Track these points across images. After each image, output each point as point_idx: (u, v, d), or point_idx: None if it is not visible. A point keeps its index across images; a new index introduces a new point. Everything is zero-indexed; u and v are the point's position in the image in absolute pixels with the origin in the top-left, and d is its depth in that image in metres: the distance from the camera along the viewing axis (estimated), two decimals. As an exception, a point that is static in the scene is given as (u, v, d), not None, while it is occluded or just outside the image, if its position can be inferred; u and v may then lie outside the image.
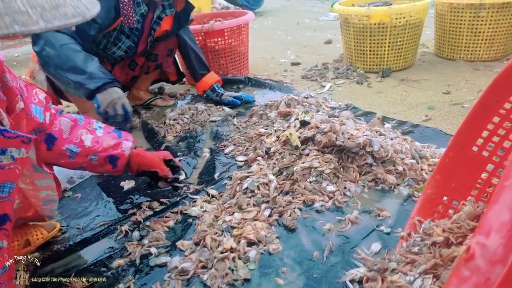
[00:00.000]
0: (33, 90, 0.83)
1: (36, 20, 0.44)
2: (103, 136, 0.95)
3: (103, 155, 0.93)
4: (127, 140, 0.99)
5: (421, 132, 1.41)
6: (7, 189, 0.60)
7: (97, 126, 0.97)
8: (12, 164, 0.60)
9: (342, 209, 1.02)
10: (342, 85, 2.03)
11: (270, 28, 3.88)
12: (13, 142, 0.59)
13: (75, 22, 0.48)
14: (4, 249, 0.61)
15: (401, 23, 1.98)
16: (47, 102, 0.88)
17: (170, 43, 1.82)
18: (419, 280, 0.67)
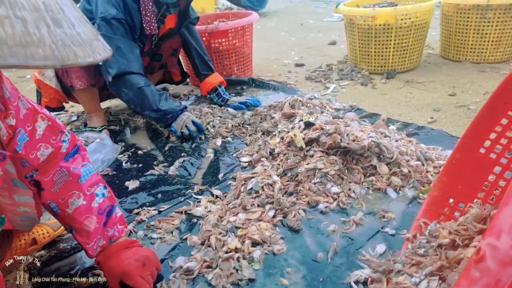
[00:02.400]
0: (35, 116, 0.74)
1: None
2: (94, 210, 0.80)
3: (77, 236, 0.81)
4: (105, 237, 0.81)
5: (426, 134, 1.40)
6: None
7: (101, 192, 0.83)
8: None
9: (346, 210, 1.02)
10: (346, 86, 2.02)
11: (273, 29, 3.89)
12: None
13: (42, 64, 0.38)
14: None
15: (407, 24, 1.98)
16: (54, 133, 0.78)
17: (175, 43, 1.82)
18: (424, 282, 0.67)
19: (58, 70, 1.52)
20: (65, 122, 1.86)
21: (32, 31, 0.37)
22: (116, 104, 2.11)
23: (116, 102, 2.13)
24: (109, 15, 1.44)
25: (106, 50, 0.46)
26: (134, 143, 1.61)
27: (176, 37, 1.81)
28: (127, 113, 1.94)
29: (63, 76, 1.53)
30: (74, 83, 1.52)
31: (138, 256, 0.80)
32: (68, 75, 1.51)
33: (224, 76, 2.19)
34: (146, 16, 1.51)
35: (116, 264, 0.78)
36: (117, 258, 0.79)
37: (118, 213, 0.86)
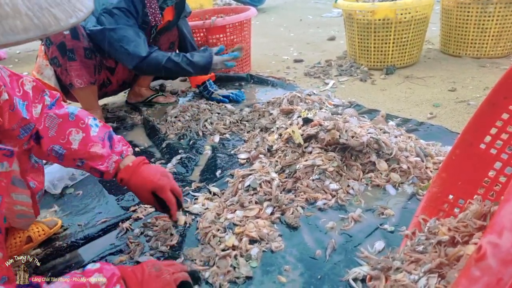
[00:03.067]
0: (19, 80, 0.75)
1: None
2: (95, 138, 0.83)
3: (89, 164, 0.83)
4: (116, 153, 0.85)
5: (426, 130, 1.39)
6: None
7: (93, 123, 0.85)
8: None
9: (345, 207, 1.01)
10: (345, 82, 2.01)
11: (272, 25, 3.86)
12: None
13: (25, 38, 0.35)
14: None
15: (406, 18, 1.96)
16: (37, 93, 0.79)
17: (172, 36, 1.81)
18: (423, 279, 0.66)
19: (57, 69, 1.50)
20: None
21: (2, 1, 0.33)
22: (113, 101, 2.10)
23: (113, 99, 2.12)
24: (110, 5, 1.45)
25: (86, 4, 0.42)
26: (131, 140, 1.60)
27: (174, 30, 1.79)
28: (124, 110, 1.93)
29: (62, 75, 1.51)
30: (74, 82, 1.51)
31: (163, 171, 0.88)
32: (67, 73, 1.50)
33: (222, 72, 2.18)
34: (151, 8, 1.52)
35: (146, 179, 0.84)
36: (143, 174, 0.85)
37: (117, 136, 0.89)
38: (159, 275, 0.70)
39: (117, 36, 1.46)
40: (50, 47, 1.45)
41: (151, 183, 0.84)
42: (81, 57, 1.48)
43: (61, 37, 1.42)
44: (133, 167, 0.85)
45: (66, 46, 1.44)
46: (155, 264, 0.73)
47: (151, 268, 0.71)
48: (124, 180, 0.85)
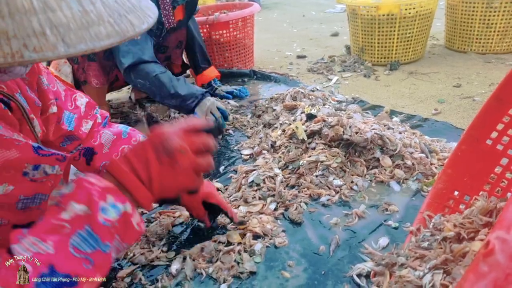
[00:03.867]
0: (73, 95, 0.78)
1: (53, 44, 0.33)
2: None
3: None
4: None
5: (431, 126, 1.38)
6: (37, 200, 0.60)
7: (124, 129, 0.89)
8: (44, 178, 0.60)
9: (349, 203, 1.01)
10: (349, 78, 1.99)
11: (275, 21, 3.84)
12: (47, 159, 0.59)
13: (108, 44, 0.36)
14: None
15: (411, 14, 1.94)
16: (90, 109, 0.81)
17: (181, 35, 1.80)
18: (428, 275, 0.65)
19: (74, 65, 1.50)
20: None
21: (88, 8, 0.35)
22: (117, 97, 2.10)
23: (117, 95, 2.12)
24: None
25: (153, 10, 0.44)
26: (134, 136, 1.60)
27: (182, 29, 1.78)
28: (128, 106, 1.93)
29: (77, 71, 1.52)
30: (90, 81, 1.52)
31: (206, 181, 0.90)
32: (84, 71, 1.51)
33: (225, 68, 2.18)
34: (165, 10, 1.53)
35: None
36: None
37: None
38: (173, 164, 0.52)
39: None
40: None
41: (201, 192, 0.84)
42: (100, 58, 1.49)
43: None
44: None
45: None
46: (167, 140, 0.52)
47: (161, 153, 0.52)
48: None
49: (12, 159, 0.54)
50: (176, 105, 1.42)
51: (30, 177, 0.57)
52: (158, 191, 0.52)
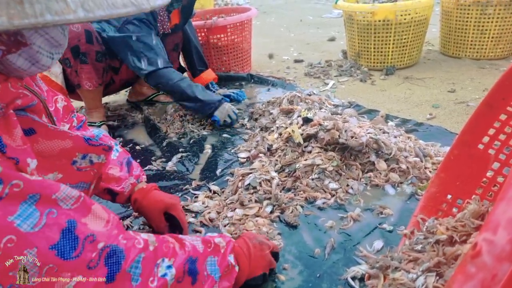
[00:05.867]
0: (54, 97, 0.79)
1: (73, 9, 0.37)
2: (114, 161, 0.87)
3: (103, 185, 0.85)
4: (133, 176, 0.90)
5: (425, 131, 1.39)
6: (80, 188, 0.63)
7: (115, 148, 0.89)
8: (89, 167, 0.63)
9: (344, 206, 1.02)
10: (345, 82, 2.01)
11: (273, 25, 3.87)
12: (95, 149, 0.63)
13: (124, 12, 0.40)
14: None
15: (406, 20, 1.97)
16: (67, 112, 0.82)
17: (177, 38, 1.82)
18: (421, 278, 0.66)
19: (67, 68, 1.51)
20: (62, 118, 1.85)
21: None
22: (114, 99, 2.10)
23: (114, 98, 2.12)
24: (131, 17, 1.46)
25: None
26: (132, 139, 1.61)
27: (179, 33, 1.80)
28: (125, 109, 1.93)
29: (71, 75, 1.52)
30: (83, 84, 1.53)
31: (172, 195, 0.94)
32: (77, 74, 1.51)
33: (222, 72, 2.19)
34: (160, 16, 1.55)
35: (158, 198, 0.88)
36: (156, 194, 0.89)
37: (135, 162, 0.94)
38: (263, 249, 0.75)
39: (139, 43, 1.48)
40: None
41: (163, 202, 0.87)
42: (93, 60, 1.50)
43: (76, 41, 1.43)
44: (147, 189, 0.89)
45: (79, 50, 1.45)
46: (254, 237, 0.77)
47: (254, 240, 0.75)
48: (138, 200, 0.88)
49: (67, 148, 0.58)
50: (196, 108, 1.55)
51: (77, 166, 0.61)
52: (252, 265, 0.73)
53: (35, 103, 0.56)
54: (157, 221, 0.88)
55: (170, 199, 0.90)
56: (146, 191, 0.89)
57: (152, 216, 0.88)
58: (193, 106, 1.54)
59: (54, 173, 0.58)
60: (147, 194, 0.88)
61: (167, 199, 0.89)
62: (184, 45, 1.89)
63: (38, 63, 0.53)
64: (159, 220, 0.88)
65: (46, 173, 0.57)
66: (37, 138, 0.55)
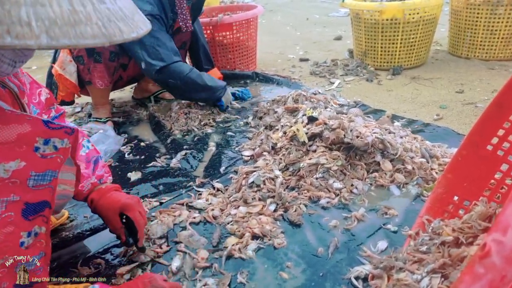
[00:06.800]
0: (37, 90, 0.78)
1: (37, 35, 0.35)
2: (81, 157, 0.85)
3: None
4: (96, 176, 0.87)
5: (432, 131, 1.38)
6: (48, 177, 0.60)
7: (86, 144, 0.88)
8: (54, 153, 0.60)
9: (348, 206, 1.01)
10: (351, 82, 2.00)
11: (279, 24, 3.86)
12: (56, 133, 0.59)
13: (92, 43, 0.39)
14: (42, 235, 0.62)
15: (415, 19, 1.94)
16: (48, 105, 0.82)
17: (185, 36, 1.81)
18: (426, 279, 0.66)
19: (80, 66, 1.51)
20: (69, 113, 1.86)
21: (78, 9, 0.38)
22: (119, 96, 2.11)
23: (119, 94, 2.13)
24: (144, 12, 1.47)
25: (146, 24, 0.47)
26: (136, 135, 1.61)
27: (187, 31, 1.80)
28: (130, 106, 1.94)
29: (83, 72, 1.53)
30: (95, 81, 1.54)
31: (132, 196, 0.88)
32: (89, 72, 1.52)
33: (227, 70, 2.18)
34: (182, 14, 1.56)
35: (115, 199, 0.83)
36: (114, 195, 0.84)
37: (103, 162, 0.91)
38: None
39: (150, 38, 1.48)
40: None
41: (119, 202, 0.82)
42: (106, 60, 1.51)
43: None
44: (105, 189, 0.85)
45: (94, 49, 1.46)
46: (153, 280, 0.70)
47: (148, 286, 0.69)
48: (94, 200, 0.84)
49: (24, 133, 0.55)
50: (206, 97, 1.61)
51: (40, 153, 0.58)
52: None
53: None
54: (113, 222, 0.83)
55: (127, 199, 0.84)
56: (104, 191, 0.85)
57: (108, 217, 0.83)
58: (203, 95, 1.59)
59: (16, 161, 0.55)
60: (104, 194, 0.84)
61: (124, 199, 0.83)
62: (191, 43, 1.89)
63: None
64: (115, 221, 0.83)
65: (7, 161, 0.54)
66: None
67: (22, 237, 0.59)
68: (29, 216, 0.59)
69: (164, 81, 1.56)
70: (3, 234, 0.55)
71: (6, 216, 0.55)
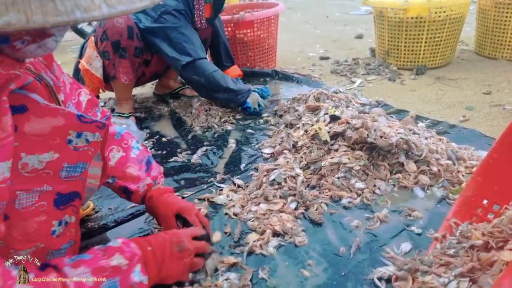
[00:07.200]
0: (77, 90, 0.80)
1: (98, 6, 0.40)
2: (133, 160, 0.88)
3: (119, 183, 0.86)
4: (151, 177, 0.90)
5: (458, 133, 1.34)
6: (79, 169, 0.62)
7: (136, 146, 0.90)
8: (86, 146, 0.62)
9: (370, 207, 1.00)
10: (373, 81, 1.97)
11: (298, 22, 3.83)
12: (89, 126, 0.61)
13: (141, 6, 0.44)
14: (72, 224, 0.64)
15: (441, 17, 1.89)
16: (91, 106, 0.82)
17: (206, 33, 1.83)
18: (454, 282, 0.64)
19: (105, 61, 1.56)
20: (93, 108, 1.91)
21: None
22: (141, 92, 2.16)
23: (141, 90, 2.17)
24: (169, 7, 1.52)
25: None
26: (158, 131, 1.64)
27: (209, 27, 1.81)
28: (151, 101, 1.98)
29: (108, 67, 1.56)
30: (119, 77, 1.57)
31: (186, 200, 0.95)
32: (114, 67, 1.55)
33: (247, 68, 2.19)
34: (199, 10, 1.59)
35: (172, 201, 0.87)
36: (170, 197, 0.88)
37: (155, 163, 0.93)
38: (180, 258, 0.71)
39: (177, 33, 1.51)
40: (104, 42, 1.50)
41: (176, 205, 0.85)
42: (131, 56, 1.54)
43: (118, 36, 1.48)
44: (161, 191, 0.88)
45: (120, 45, 1.49)
46: (180, 241, 0.72)
47: (174, 247, 0.71)
48: (151, 200, 0.87)
49: (58, 125, 0.57)
50: (228, 98, 1.60)
51: (73, 145, 0.60)
52: (163, 275, 0.68)
53: (30, 81, 0.55)
54: (169, 223, 0.85)
55: (185, 203, 0.88)
56: (159, 193, 0.88)
57: (165, 218, 0.86)
58: (225, 96, 1.59)
59: (49, 153, 0.57)
60: (160, 196, 0.87)
61: (182, 203, 0.87)
62: (213, 40, 1.91)
63: (44, 46, 0.53)
64: (171, 222, 0.85)
65: (41, 153, 0.56)
66: (29, 115, 0.54)
67: (54, 226, 0.61)
68: (61, 206, 0.61)
69: (189, 77, 1.59)
70: (36, 223, 0.58)
71: (39, 206, 0.58)
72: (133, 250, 0.65)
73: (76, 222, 0.66)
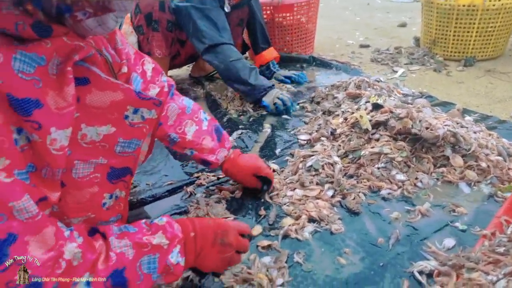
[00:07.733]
0: (141, 59, 0.80)
1: None
2: (206, 131, 0.93)
3: (198, 155, 0.92)
4: (224, 147, 0.97)
5: (509, 129, 1.26)
6: (133, 145, 0.63)
7: (204, 117, 0.96)
8: (141, 123, 0.63)
9: (411, 199, 0.97)
10: (416, 71, 1.87)
11: (337, 7, 3.70)
12: (146, 103, 0.62)
13: None
14: (122, 198, 0.67)
15: (496, 6, 1.75)
16: (157, 74, 0.83)
17: (243, 13, 1.81)
18: (503, 281, 0.62)
19: (140, 36, 1.59)
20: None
21: None
22: (177, 73, 2.19)
23: (177, 72, 2.21)
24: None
25: None
26: (194, 112, 1.67)
27: (245, 7, 1.79)
28: (187, 83, 2.01)
29: (142, 42, 1.60)
30: (153, 51, 1.60)
31: (256, 156, 1.06)
32: (148, 42, 1.59)
33: (284, 52, 2.16)
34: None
35: (248, 163, 1.00)
36: (245, 159, 1.00)
37: (223, 131, 1.00)
38: (221, 252, 0.67)
39: (202, 16, 1.48)
40: (138, 15, 1.54)
41: (253, 166, 0.99)
42: (163, 29, 1.56)
43: (150, 8, 1.51)
44: (234, 158, 0.99)
45: (152, 17, 1.52)
46: (225, 234, 0.68)
47: (218, 239, 0.67)
48: (229, 169, 0.99)
49: (117, 100, 0.58)
50: (245, 91, 1.52)
51: (129, 121, 0.61)
52: (199, 262, 0.67)
53: (92, 53, 0.56)
54: (249, 181, 1.00)
55: (260, 162, 1.01)
56: (234, 158, 0.99)
57: (245, 177, 1.00)
58: (242, 88, 1.52)
59: (107, 126, 0.58)
60: (236, 161, 0.99)
61: (257, 163, 1.00)
62: (249, 21, 1.88)
63: (105, 25, 0.54)
64: (252, 182, 1.00)
65: (99, 125, 0.57)
66: (91, 88, 0.55)
67: (105, 198, 0.63)
68: (113, 180, 0.63)
69: (210, 61, 1.53)
70: (89, 193, 0.60)
71: (94, 177, 0.60)
72: (175, 232, 0.63)
73: (126, 197, 0.68)
